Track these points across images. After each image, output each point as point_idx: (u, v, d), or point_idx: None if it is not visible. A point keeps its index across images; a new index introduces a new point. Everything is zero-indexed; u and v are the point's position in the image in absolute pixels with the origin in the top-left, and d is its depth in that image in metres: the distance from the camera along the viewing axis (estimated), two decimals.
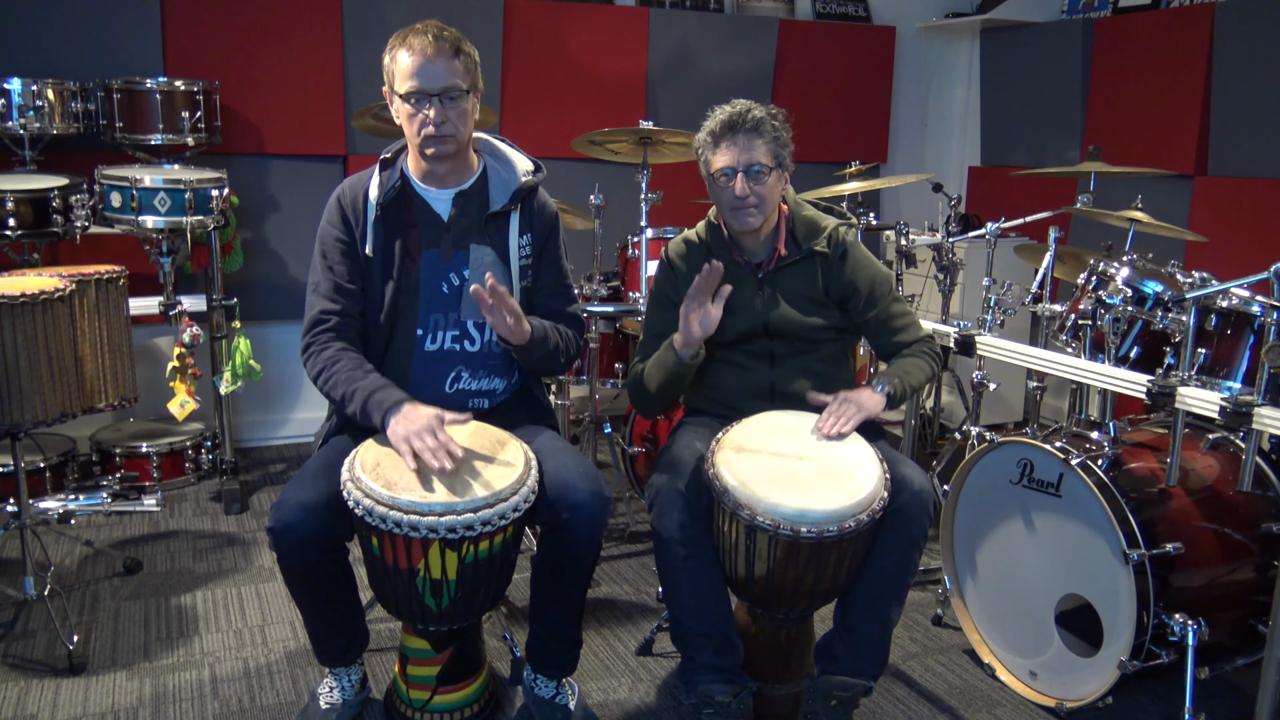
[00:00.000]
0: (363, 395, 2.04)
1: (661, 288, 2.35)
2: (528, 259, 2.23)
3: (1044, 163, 4.52)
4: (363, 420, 2.05)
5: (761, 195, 2.16)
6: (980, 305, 2.69)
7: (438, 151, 2.09)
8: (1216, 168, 3.82)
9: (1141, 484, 2.31)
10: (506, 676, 2.45)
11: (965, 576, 2.62)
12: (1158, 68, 4.00)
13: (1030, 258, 3.38)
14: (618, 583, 2.99)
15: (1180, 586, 2.24)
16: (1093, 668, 2.28)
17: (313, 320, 2.14)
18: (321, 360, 2.11)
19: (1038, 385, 3.18)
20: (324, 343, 2.12)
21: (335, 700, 2.20)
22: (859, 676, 2.07)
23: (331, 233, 2.17)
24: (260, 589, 2.90)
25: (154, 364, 3.81)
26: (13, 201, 2.95)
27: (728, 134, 2.16)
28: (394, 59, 2.08)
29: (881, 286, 2.27)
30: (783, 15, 4.69)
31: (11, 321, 2.36)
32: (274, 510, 1.95)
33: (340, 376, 2.08)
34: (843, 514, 1.93)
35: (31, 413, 2.45)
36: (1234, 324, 2.21)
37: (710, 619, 2.06)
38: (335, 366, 2.09)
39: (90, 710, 2.30)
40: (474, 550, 1.92)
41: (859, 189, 3.58)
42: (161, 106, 3.36)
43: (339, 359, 2.10)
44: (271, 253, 3.99)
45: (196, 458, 3.72)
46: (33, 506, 2.79)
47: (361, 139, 3.91)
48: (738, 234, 2.25)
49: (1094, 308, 2.43)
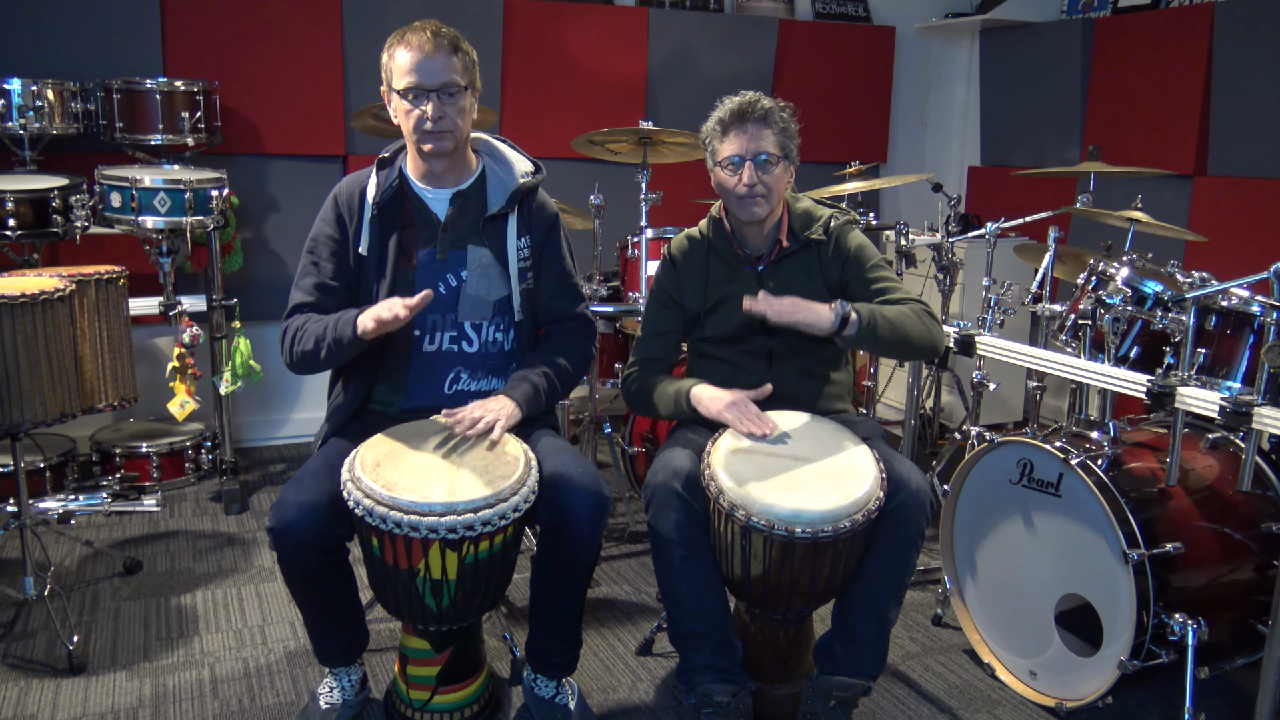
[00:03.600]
0: (331, 323, 2.06)
1: (663, 285, 2.34)
2: (526, 261, 2.23)
3: (1044, 163, 4.52)
4: (339, 349, 2.05)
5: (768, 185, 2.16)
6: (980, 305, 2.69)
7: (435, 148, 2.09)
8: (1216, 168, 3.81)
9: (1141, 484, 2.31)
10: (506, 676, 2.45)
11: (965, 576, 2.62)
12: (1157, 68, 4.00)
13: (1030, 258, 3.38)
14: (618, 583, 2.99)
15: (1180, 586, 2.23)
16: (1093, 667, 2.28)
17: (287, 311, 2.17)
18: (290, 331, 2.14)
19: (1038, 385, 3.18)
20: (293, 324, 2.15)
21: (335, 700, 2.20)
22: (858, 676, 2.07)
23: (324, 230, 2.17)
24: (260, 589, 2.90)
25: (154, 364, 3.81)
26: (13, 201, 2.95)
27: (736, 123, 2.17)
28: (392, 56, 2.08)
29: (868, 251, 2.24)
30: (783, 15, 4.69)
31: (11, 321, 2.37)
32: (274, 510, 1.96)
33: (307, 329, 2.11)
34: (838, 514, 1.93)
35: (31, 413, 2.45)
36: (1234, 324, 2.21)
37: (708, 619, 2.06)
38: (303, 328, 2.12)
39: (90, 710, 2.30)
40: (474, 550, 1.92)
41: (859, 189, 3.59)
42: (161, 106, 3.37)
43: (304, 322, 2.12)
44: (271, 253, 3.99)
45: (196, 458, 3.72)
46: (33, 506, 2.79)
47: (361, 139, 3.91)
48: (741, 226, 2.25)
49: (1094, 308, 2.43)
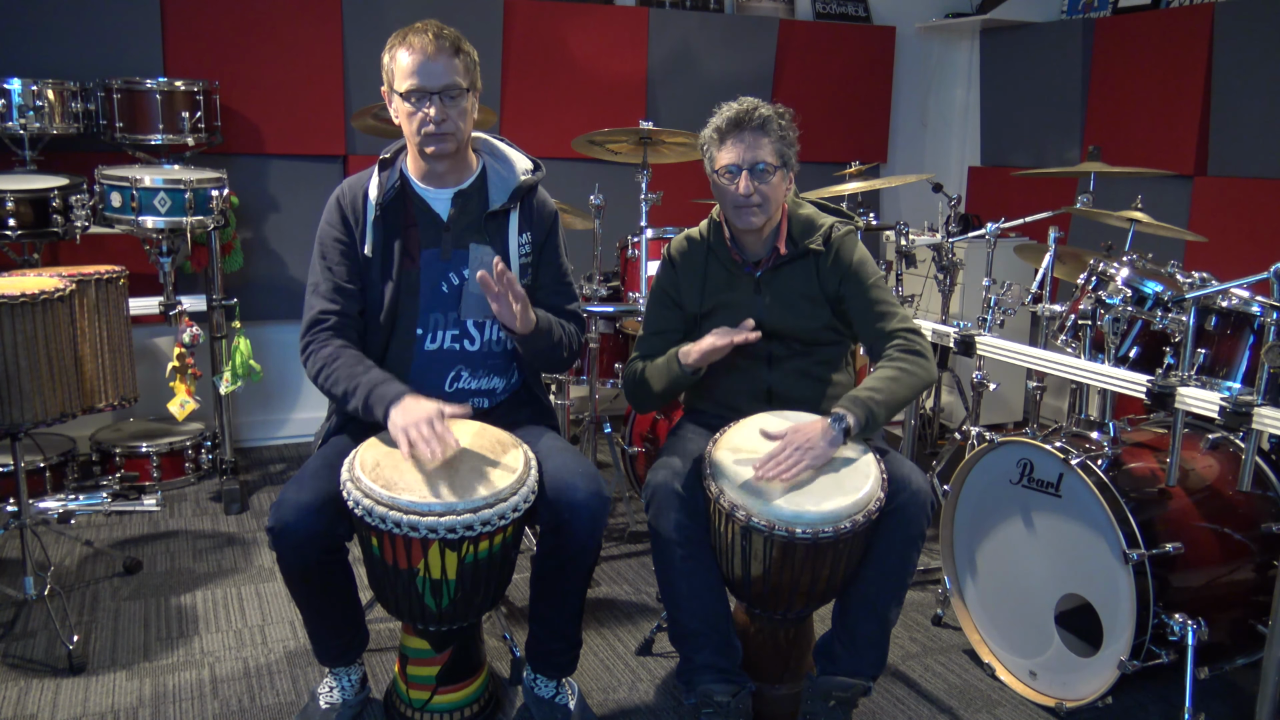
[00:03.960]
0: (365, 390, 2.03)
1: (663, 284, 2.34)
2: (527, 257, 2.23)
3: (1044, 163, 4.52)
4: (365, 415, 2.04)
5: (765, 194, 2.15)
6: (980, 305, 2.69)
7: (437, 150, 2.09)
8: (1216, 168, 3.81)
9: (1141, 484, 2.31)
10: (506, 676, 2.45)
11: (965, 576, 2.62)
12: (1157, 68, 4.00)
13: (1030, 258, 3.38)
14: (618, 583, 2.99)
15: (1180, 586, 2.24)
16: (1092, 668, 2.28)
17: (311, 320, 2.14)
18: (321, 358, 2.11)
19: (1038, 385, 3.18)
20: (323, 341, 2.12)
21: (335, 700, 2.20)
22: (858, 677, 2.07)
23: (331, 233, 2.17)
24: (260, 589, 2.90)
25: (154, 364, 3.81)
26: (13, 201, 2.95)
27: (734, 131, 2.16)
28: (393, 58, 2.08)
29: (868, 267, 2.24)
30: (783, 15, 4.69)
31: (11, 321, 2.37)
32: (274, 510, 1.95)
33: (341, 373, 2.08)
34: (838, 515, 1.92)
35: (31, 413, 2.45)
36: (1234, 324, 2.21)
37: (708, 619, 2.06)
38: (336, 363, 2.09)
39: (90, 710, 2.30)
40: (474, 550, 1.92)
41: (859, 189, 3.59)
42: (161, 106, 3.36)
43: (339, 355, 2.09)
44: (271, 253, 3.99)
45: (196, 458, 3.72)
46: (33, 506, 2.79)
47: (361, 139, 3.91)
48: (739, 233, 2.25)
49: (1094, 308, 2.43)
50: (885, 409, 2.07)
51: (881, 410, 2.06)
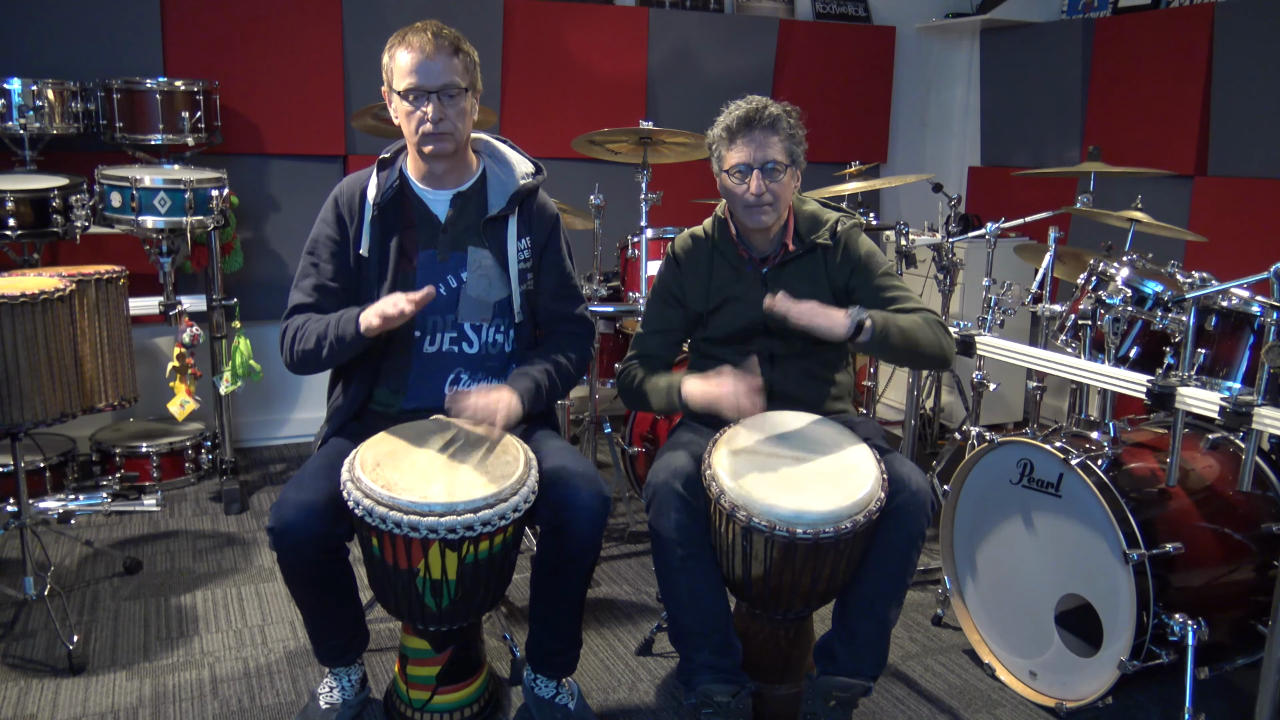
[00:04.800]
0: (334, 323, 2.06)
1: (665, 282, 2.34)
2: (527, 262, 2.23)
3: (1044, 163, 4.52)
4: (341, 347, 2.05)
5: (776, 193, 2.15)
6: (980, 305, 2.69)
7: (436, 150, 2.09)
8: (1216, 168, 3.81)
9: (1141, 484, 2.31)
10: (506, 676, 2.45)
11: (965, 576, 2.62)
12: (1157, 68, 4.00)
13: (1030, 258, 3.38)
14: (618, 583, 2.99)
15: (1180, 586, 2.23)
16: (1093, 668, 2.28)
17: (287, 312, 2.17)
18: (290, 331, 2.13)
19: (1038, 385, 3.18)
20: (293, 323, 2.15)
21: (335, 700, 2.20)
22: (858, 677, 2.06)
23: (324, 231, 2.17)
24: (260, 589, 2.90)
25: (154, 364, 3.81)
26: (13, 201, 2.95)
27: (744, 130, 2.15)
28: (393, 57, 2.08)
29: (877, 258, 2.24)
30: (783, 15, 4.69)
31: (11, 321, 2.37)
32: (274, 510, 1.95)
33: (310, 326, 2.10)
34: (839, 515, 1.92)
35: (31, 413, 2.45)
36: (1234, 324, 2.21)
37: (709, 619, 2.06)
38: (305, 325, 2.12)
39: (90, 710, 2.30)
40: (474, 550, 1.92)
41: (859, 189, 3.59)
42: (161, 106, 3.36)
43: (306, 320, 2.12)
44: (271, 253, 3.99)
45: (196, 458, 3.72)
46: (33, 506, 2.79)
47: (361, 139, 3.91)
48: (747, 231, 2.25)
49: (1094, 308, 2.43)
50: (901, 335, 2.06)
51: (897, 332, 2.06)
